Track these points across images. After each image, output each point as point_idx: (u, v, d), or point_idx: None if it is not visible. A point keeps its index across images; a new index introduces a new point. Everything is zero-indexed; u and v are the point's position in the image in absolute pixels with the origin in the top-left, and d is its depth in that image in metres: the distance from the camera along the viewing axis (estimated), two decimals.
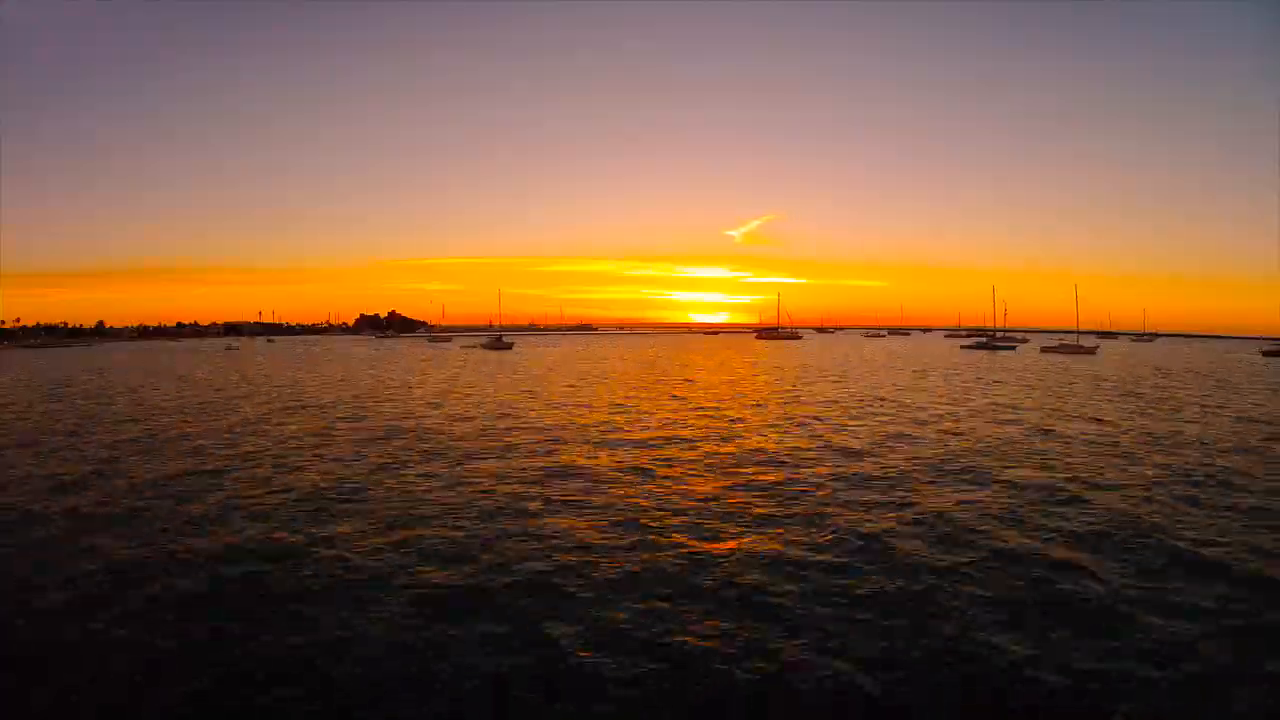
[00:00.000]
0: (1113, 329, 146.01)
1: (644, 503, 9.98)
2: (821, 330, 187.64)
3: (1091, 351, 70.53)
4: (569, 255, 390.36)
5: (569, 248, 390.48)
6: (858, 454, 13.88)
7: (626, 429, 17.20)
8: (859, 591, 6.71)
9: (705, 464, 12.84)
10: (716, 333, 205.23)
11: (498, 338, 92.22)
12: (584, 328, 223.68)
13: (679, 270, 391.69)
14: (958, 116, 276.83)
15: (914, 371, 40.16)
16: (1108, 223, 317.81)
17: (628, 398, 24.78)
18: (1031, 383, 32.69)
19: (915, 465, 12.78)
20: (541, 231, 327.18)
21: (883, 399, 24.48)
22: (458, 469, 12.37)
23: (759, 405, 22.68)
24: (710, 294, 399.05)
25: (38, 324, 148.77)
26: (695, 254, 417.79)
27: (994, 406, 22.50)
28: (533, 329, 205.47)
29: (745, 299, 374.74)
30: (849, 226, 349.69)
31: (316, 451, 14.29)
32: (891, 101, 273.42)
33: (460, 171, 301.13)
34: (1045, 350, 72.62)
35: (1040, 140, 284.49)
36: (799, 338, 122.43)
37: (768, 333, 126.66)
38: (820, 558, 7.65)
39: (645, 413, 20.55)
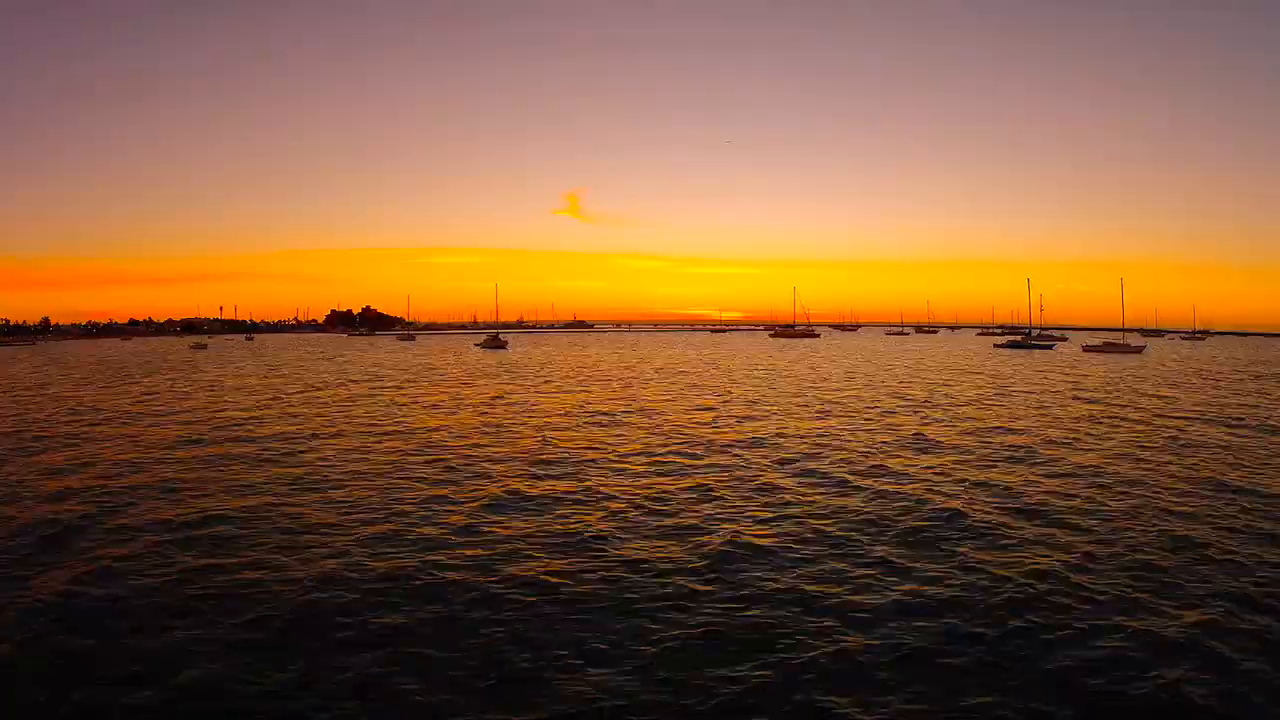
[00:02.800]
0: (1159, 326, 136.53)
1: None
2: (840, 327, 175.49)
3: (1138, 351, 63.72)
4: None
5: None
6: None
7: None
8: None
9: None
10: (724, 330, 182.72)
11: (495, 336, 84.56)
12: (580, 324, 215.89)
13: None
14: (984, 98, 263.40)
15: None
16: (1153, 208, 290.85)
17: None
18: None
19: None
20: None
21: None
22: None
23: None
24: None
25: None
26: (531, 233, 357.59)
27: None
28: (520, 324, 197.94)
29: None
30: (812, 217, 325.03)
31: None
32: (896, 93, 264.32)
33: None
34: (1088, 349, 65.47)
35: (1077, 119, 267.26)
36: (816, 335, 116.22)
37: (783, 330, 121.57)
38: None
39: None
